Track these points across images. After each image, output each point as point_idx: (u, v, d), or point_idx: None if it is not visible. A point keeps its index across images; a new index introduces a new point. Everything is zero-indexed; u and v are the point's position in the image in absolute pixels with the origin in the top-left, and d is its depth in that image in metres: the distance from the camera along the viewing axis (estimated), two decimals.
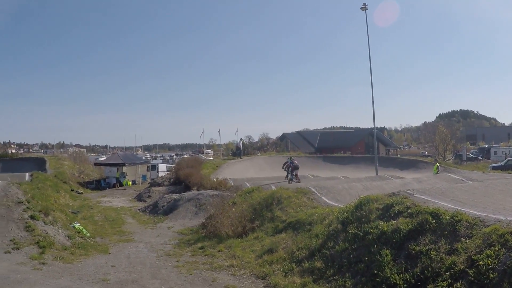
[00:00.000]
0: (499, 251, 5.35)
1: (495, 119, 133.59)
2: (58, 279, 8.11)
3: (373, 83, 27.34)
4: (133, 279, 8.38)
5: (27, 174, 22.60)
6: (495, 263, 5.21)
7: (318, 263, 7.76)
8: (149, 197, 24.21)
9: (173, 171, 31.57)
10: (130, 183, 33.24)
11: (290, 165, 23.51)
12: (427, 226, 6.75)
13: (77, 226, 13.51)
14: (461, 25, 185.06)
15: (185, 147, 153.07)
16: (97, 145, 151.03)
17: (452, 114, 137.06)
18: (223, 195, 18.00)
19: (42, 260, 9.37)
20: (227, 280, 8.29)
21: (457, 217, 6.61)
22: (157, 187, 26.90)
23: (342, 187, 15.00)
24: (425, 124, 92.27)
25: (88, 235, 13.13)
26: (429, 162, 33.71)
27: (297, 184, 16.96)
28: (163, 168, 39.04)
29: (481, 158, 52.68)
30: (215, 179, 24.32)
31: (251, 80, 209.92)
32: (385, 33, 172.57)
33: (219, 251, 10.71)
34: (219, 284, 8.02)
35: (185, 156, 64.52)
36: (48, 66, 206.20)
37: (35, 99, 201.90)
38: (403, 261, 6.34)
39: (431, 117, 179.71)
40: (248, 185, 20.46)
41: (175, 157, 79.07)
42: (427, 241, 6.40)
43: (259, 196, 14.59)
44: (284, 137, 72.64)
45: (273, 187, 16.12)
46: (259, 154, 27.37)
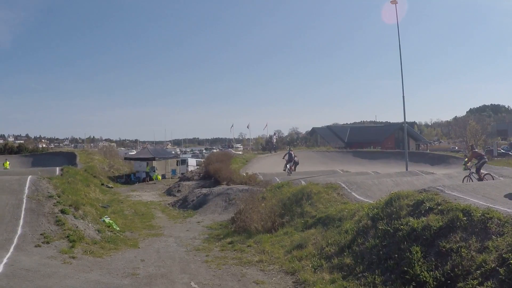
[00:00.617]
0: None
1: None
2: (87, 273, 8.19)
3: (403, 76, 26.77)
4: (162, 274, 8.42)
5: (58, 168, 22.43)
6: None
7: (347, 259, 7.74)
8: (179, 191, 24.61)
9: (203, 165, 32.04)
10: (159, 177, 33.81)
11: (293, 158, 23.78)
12: (458, 223, 6.67)
13: (107, 220, 13.66)
14: (488, 16, 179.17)
15: (214, 142, 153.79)
16: (127, 140, 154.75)
17: (483, 108, 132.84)
18: (252, 190, 18.11)
19: (72, 254, 9.45)
20: (256, 275, 8.29)
21: (488, 214, 6.52)
22: (186, 181, 27.29)
23: (372, 182, 14.84)
24: (455, 118, 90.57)
25: (118, 229, 13.25)
26: (460, 157, 32.95)
27: (327, 179, 16.83)
28: (192, 162, 39.54)
29: None
30: (244, 174, 24.50)
31: (279, 73, 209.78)
32: (412, 24, 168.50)
33: (248, 246, 10.75)
34: (248, 279, 8.02)
35: (215, 150, 65.05)
36: (78, 59, 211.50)
37: (66, 93, 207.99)
38: (433, 259, 6.29)
39: (461, 112, 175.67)
40: (277, 180, 20.47)
41: (204, 151, 79.31)
42: (458, 239, 6.33)
43: (288, 191, 14.58)
44: (313, 131, 72.15)
45: (303, 182, 16.03)
46: (291, 148, 27.39)
